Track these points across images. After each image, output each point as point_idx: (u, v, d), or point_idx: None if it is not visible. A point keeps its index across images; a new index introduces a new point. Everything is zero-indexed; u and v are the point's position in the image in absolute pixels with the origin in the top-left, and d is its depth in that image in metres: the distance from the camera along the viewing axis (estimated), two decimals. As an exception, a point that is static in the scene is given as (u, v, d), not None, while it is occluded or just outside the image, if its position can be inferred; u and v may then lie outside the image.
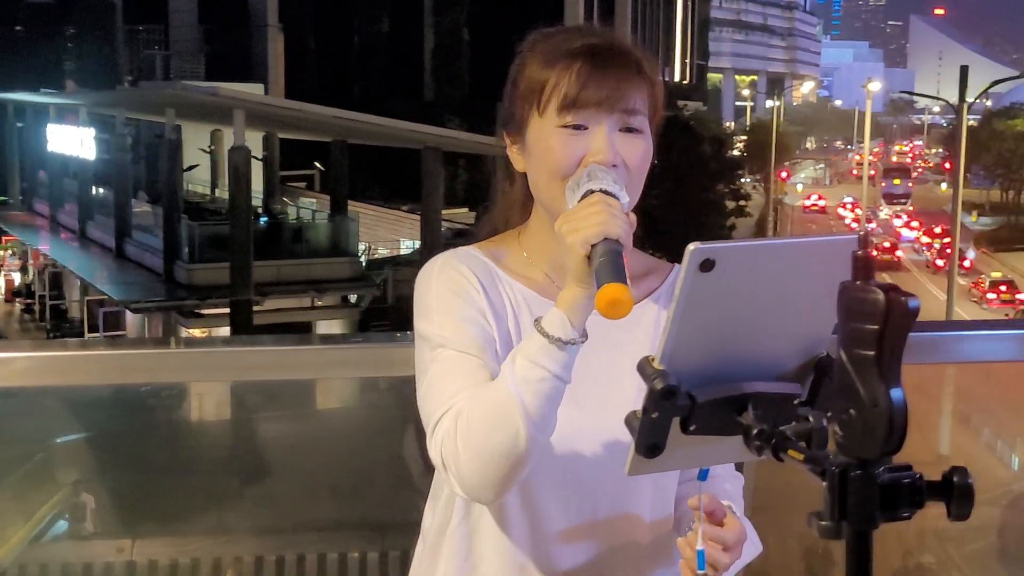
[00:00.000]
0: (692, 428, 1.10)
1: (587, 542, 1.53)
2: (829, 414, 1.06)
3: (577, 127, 1.47)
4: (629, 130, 1.49)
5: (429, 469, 1.52)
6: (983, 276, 44.13)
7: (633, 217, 1.39)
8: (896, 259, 54.46)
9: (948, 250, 27.85)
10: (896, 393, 0.91)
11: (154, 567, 2.86)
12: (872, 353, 0.91)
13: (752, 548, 1.59)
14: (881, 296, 0.91)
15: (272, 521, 3.01)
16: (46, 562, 2.87)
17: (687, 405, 1.09)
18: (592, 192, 1.39)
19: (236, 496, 3.04)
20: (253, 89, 33.99)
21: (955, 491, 0.93)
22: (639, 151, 1.49)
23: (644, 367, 1.10)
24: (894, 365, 0.92)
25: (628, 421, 1.13)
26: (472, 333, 1.48)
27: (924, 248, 54.51)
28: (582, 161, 1.46)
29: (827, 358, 1.12)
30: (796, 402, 1.12)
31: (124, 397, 2.81)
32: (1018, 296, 41.19)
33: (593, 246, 1.33)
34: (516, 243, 1.60)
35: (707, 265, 1.06)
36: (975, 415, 3.40)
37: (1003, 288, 42.01)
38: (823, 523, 0.95)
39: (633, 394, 1.50)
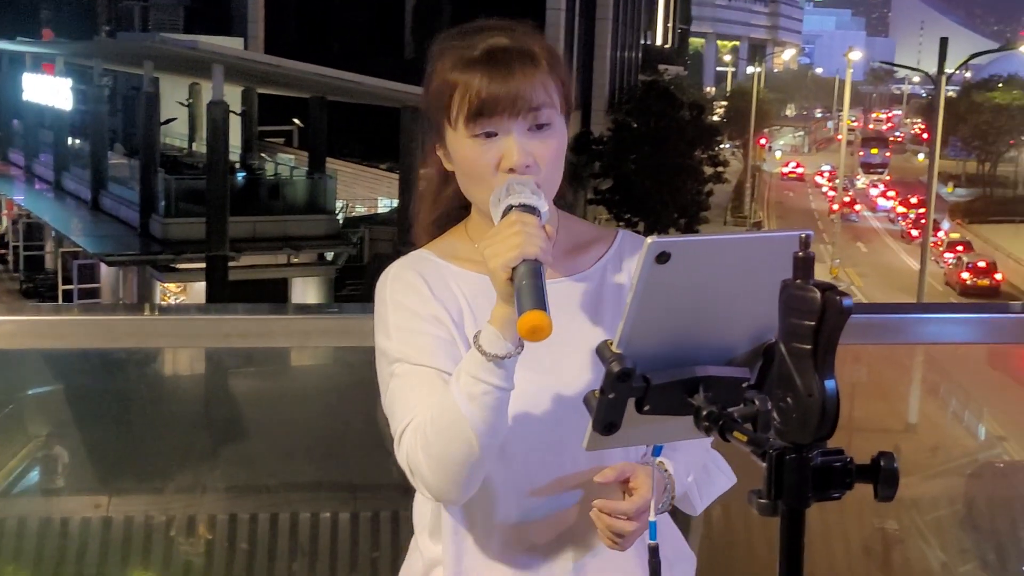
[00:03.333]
0: (646, 408, 1.17)
1: (568, 496, 1.62)
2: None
3: (488, 134, 1.54)
4: (539, 127, 1.55)
5: None
6: (942, 236, 44.74)
7: (551, 228, 1.45)
8: (854, 211, 54.84)
9: (923, 220, 28.00)
10: (829, 384, 0.98)
11: (130, 523, 2.92)
12: (808, 347, 0.98)
13: (725, 481, 1.72)
14: (818, 295, 0.98)
15: (246, 480, 3.07)
16: (24, 515, 2.93)
17: (642, 387, 1.16)
18: (512, 207, 1.46)
19: (211, 455, 3.09)
20: (233, 43, 33.54)
21: (881, 474, 1.00)
22: (551, 147, 1.56)
23: (603, 351, 1.17)
24: (829, 358, 0.98)
25: (587, 400, 1.20)
26: (426, 343, 1.55)
27: (899, 218, 54.78)
28: (499, 164, 1.53)
29: (775, 345, 1.19)
30: (745, 385, 1.19)
31: (102, 354, 2.85)
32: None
33: (514, 268, 1.39)
34: (465, 235, 1.68)
35: (663, 257, 1.12)
36: (944, 385, 3.45)
37: (959, 248, 42.66)
38: (761, 501, 1.02)
39: (590, 356, 1.58)
